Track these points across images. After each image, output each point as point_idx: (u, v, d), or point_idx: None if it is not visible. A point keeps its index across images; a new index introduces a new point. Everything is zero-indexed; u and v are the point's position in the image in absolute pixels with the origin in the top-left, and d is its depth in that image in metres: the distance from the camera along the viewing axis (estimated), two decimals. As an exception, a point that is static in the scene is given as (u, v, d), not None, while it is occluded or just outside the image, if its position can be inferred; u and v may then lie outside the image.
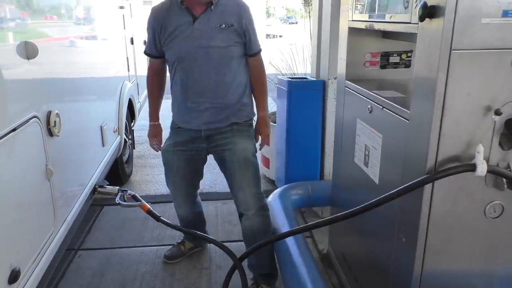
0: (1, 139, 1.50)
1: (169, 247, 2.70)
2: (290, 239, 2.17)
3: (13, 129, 1.59)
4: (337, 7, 2.40)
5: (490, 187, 1.35)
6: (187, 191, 2.44)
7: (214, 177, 3.87)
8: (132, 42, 4.26)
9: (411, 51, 2.00)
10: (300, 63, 4.60)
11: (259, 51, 2.22)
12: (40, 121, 1.83)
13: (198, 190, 2.55)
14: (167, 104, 2.35)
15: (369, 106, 1.77)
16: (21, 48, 1.74)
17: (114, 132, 3.31)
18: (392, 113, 1.56)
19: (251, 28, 2.12)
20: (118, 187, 2.71)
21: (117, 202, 2.57)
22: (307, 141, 3.22)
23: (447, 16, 1.18)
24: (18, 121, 1.64)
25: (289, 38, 10.35)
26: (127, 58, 4.07)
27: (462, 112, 1.27)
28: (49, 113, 1.93)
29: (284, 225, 2.37)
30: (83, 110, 2.66)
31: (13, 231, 1.59)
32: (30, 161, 1.76)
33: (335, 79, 2.87)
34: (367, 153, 1.82)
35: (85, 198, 2.47)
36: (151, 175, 4.15)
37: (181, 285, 2.42)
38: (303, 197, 2.86)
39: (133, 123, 4.24)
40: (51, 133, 1.93)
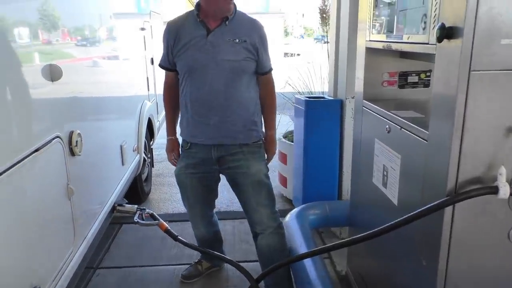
0: (25, 159, 1.54)
1: (187, 266, 2.70)
2: (307, 260, 2.14)
3: (36, 149, 1.63)
4: (355, 26, 2.40)
5: (513, 210, 1.32)
6: (202, 211, 2.44)
7: (231, 196, 3.84)
8: (152, 62, 4.36)
9: (429, 71, 1.98)
10: (317, 81, 4.61)
11: (270, 69, 2.23)
12: (62, 141, 1.88)
13: (214, 209, 2.56)
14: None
15: (387, 126, 1.75)
16: (46, 70, 1.80)
17: (133, 151, 3.36)
18: (410, 133, 1.55)
19: (264, 46, 2.13)
20: (136, 206, 2.73)
21: (136, 220, 2.59)
22: (325, 160, 3.20)
23: (465, 37, 1.17)
24: (41, 142, 1.69)
25: (307, 56, 10.40)
26: (147, 78, 4.16)
27: (482, 133, 1.25)
28: (71, 133, 1.98)
29: (301, 245, 2.35)
30: (104, 129, 2.72)
31: (34, 249, 1.61)
32: (52, 180, 1.80)
33: (352, 98, 2.87)
34: (385, 173, 1.80)
35: (105, 216, 2.50)
36: (169, 193, 4.18)
37: (198, 305, 2.41)
38: (320, 217, 2.83)
39: (152, 142, 4.30)
40: (72, 153, 1.98)
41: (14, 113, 1.54)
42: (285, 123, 4.41)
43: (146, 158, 3.94)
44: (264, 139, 2.29)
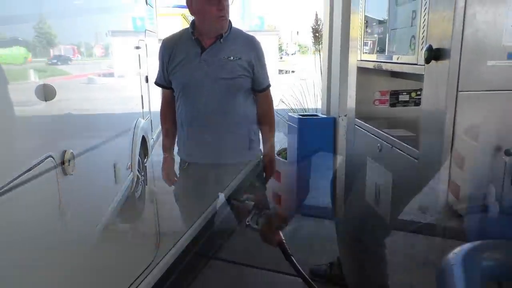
0: (17, 179, 1.53)
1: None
2: None
3: (29, 169, 1.62)
4: (347, 45, 2.44)
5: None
6: None
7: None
8: (147, 80, 4.37)
9: (420, 89, 2.01)
10: (310, 99, 4.64)
11: (267, 86, 2.19)
12: (55, 160, 1.87)
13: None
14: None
15: (379, 144, 1.77)
16: (39, 90, 1.80)
17: (127, 169, 3.34)
18: (401, 152, 1.56)
19: (260, 63, 2.11)
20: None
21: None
22: (318, 177, 3.20)
23: (452, 58, 1.20)
24: (33, 161, 1.68)
25: (301, 73, 10.50)
26: (142, 96, 4.17)
27: (471, 152, 1.26)
28: (64, 152, 1.97)
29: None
30: (97, 148, 2.71)
31: (23, 270, 1.59)
32: (43, 200, 1.79)
33: (345, 116, 2.89)
34: (377, 191, 1.81)
35: (98, 235, 2.47)
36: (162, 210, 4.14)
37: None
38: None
39: (146, 160, 4.29)
40: (65, 172, 1.97)
41: (6, 132, 1.53)
42: (278, 140, 4.42)
43: (139, 176, 3.93)
44: (262, 158, 2.25)
